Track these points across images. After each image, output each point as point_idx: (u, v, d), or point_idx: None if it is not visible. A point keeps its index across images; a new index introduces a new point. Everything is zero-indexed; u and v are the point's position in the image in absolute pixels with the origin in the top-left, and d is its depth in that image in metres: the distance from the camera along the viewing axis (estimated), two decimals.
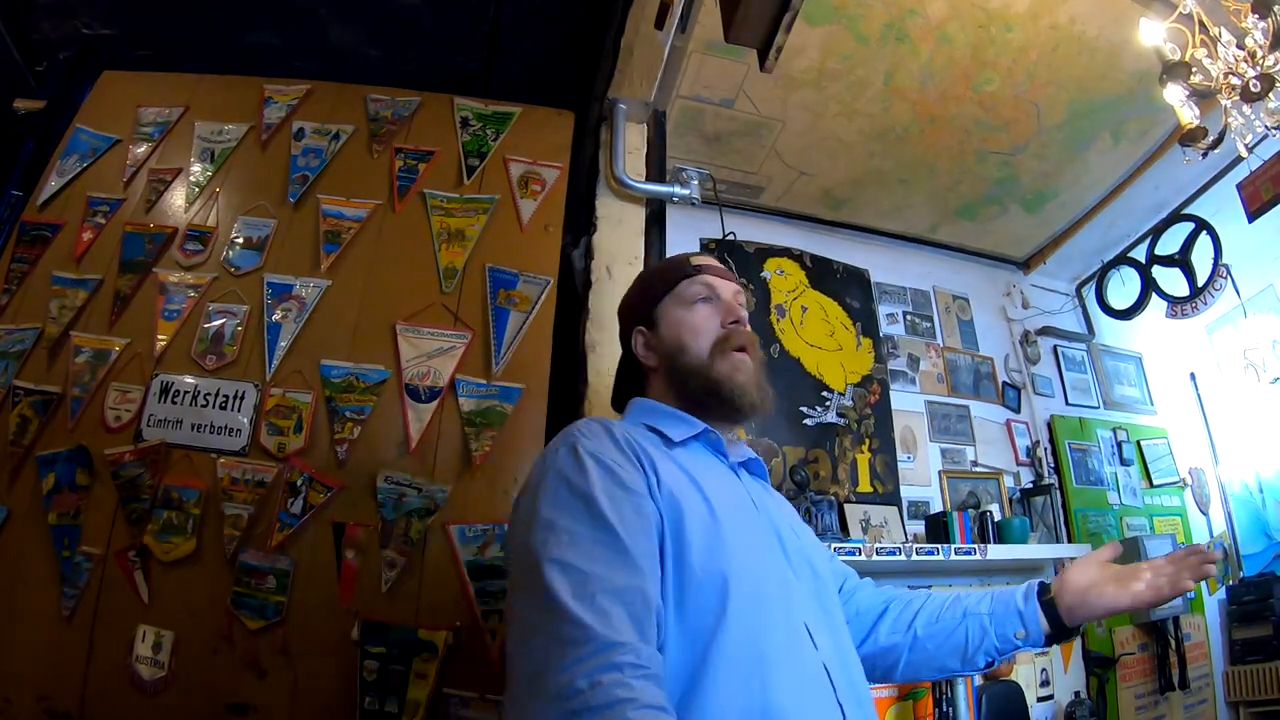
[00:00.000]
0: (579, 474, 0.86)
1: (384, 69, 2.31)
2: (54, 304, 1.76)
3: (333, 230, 1.86)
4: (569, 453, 0.89)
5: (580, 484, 0.85)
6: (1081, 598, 1.02)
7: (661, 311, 1.13)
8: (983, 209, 3.01)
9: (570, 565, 0.76)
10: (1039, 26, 2.18)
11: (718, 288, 1.13)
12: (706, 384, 1.05)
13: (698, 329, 1.08)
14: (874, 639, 1.10)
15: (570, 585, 0.74)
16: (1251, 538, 3.12)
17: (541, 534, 0.81)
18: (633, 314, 1.19)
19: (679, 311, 1.11)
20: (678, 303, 1.12)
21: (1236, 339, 3.21)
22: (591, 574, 0.76)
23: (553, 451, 0.92)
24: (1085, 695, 2.59)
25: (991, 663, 1.04)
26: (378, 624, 1.49)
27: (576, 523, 0.81)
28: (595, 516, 0.81)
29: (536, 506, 0.85)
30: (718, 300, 1.12)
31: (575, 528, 0.80)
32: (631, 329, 1.17)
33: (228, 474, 1.61)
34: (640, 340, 1.15)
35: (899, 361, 2.91)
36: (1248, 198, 2.61)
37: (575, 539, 0.79)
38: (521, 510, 0.90)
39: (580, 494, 0.84)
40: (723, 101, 2.38)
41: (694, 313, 1.10)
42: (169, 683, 1.45)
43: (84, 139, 1.99)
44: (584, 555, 0.78)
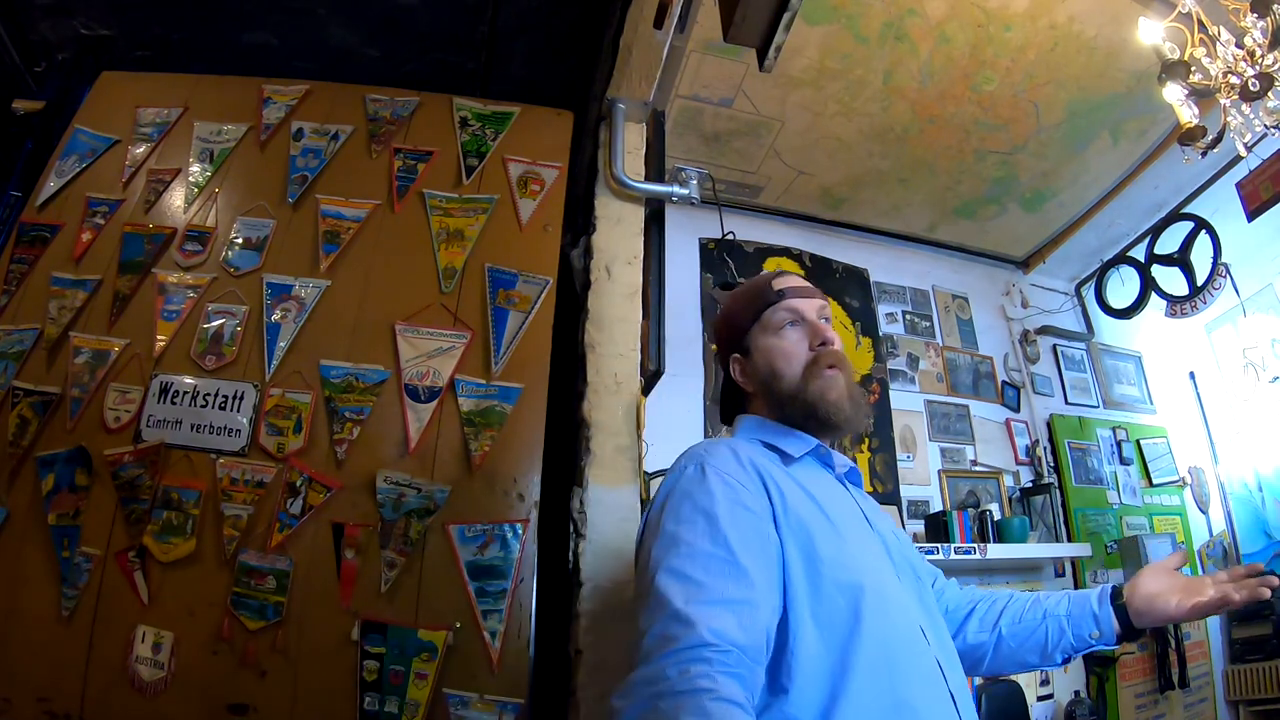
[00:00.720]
0: (703, 491, 0.92)
1: (383, 69, 2.31)
2: (53, 304, 1.76)
3: (332, 230, 1.86)
4: (697, 471, 0.95)
5: (703, 501, 0.90)
6: (1149, 603, 1.10)
7: (752, 340, 1.18)
8: (982, 208, 3.01)
9: (683, 574, 0.82)
10: (1038, 26, 2.18)
11: (802, 310, 1.16)
12: (803, 406, 1.10)
13: (789, 355, 1.13)
14: (963, 636, 1.18)
15: (682, 591, 0.80)
16: (1251, 537, 3.13)
17: (663, 546, 0.88)
18: (727, 342, 1.24)
19: (768, 339, 1.16)
20: (766, 331, 1.16)
21: (1236, 338, 3.21)
22: (704, 584, 0.81)
23: (681, 469, 0.98)
24: (1085, 694, 2.59)
25: (1068, 659, 1.14)
26: (377, 624, 1.49)
27: (696, 536, 0.86)
28: (715, 532, 0.86)
29: (661, 520, 0.92)
30: (803, 323, 1.15)
31: (695, 540, 0.86)
32: (728, 355, 1.23)
33: (227, 474, 1.61)
34: (737, 368, 1.21)
35: (898, 361, 2.91)
36: (1247, 197, 2.62)
37: (693, 551, 0.85)
38: (649, 525, 0.97)
39: (702, 510, 0.89)
40: (722, 101, 2.39)
41: (782, 339, 1.14)
42: (169, 683, 1.45)
43: (83, 139, 1.98)
44: (699, 566, 0.83)
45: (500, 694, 1.47)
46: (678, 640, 0.75)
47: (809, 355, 1.13)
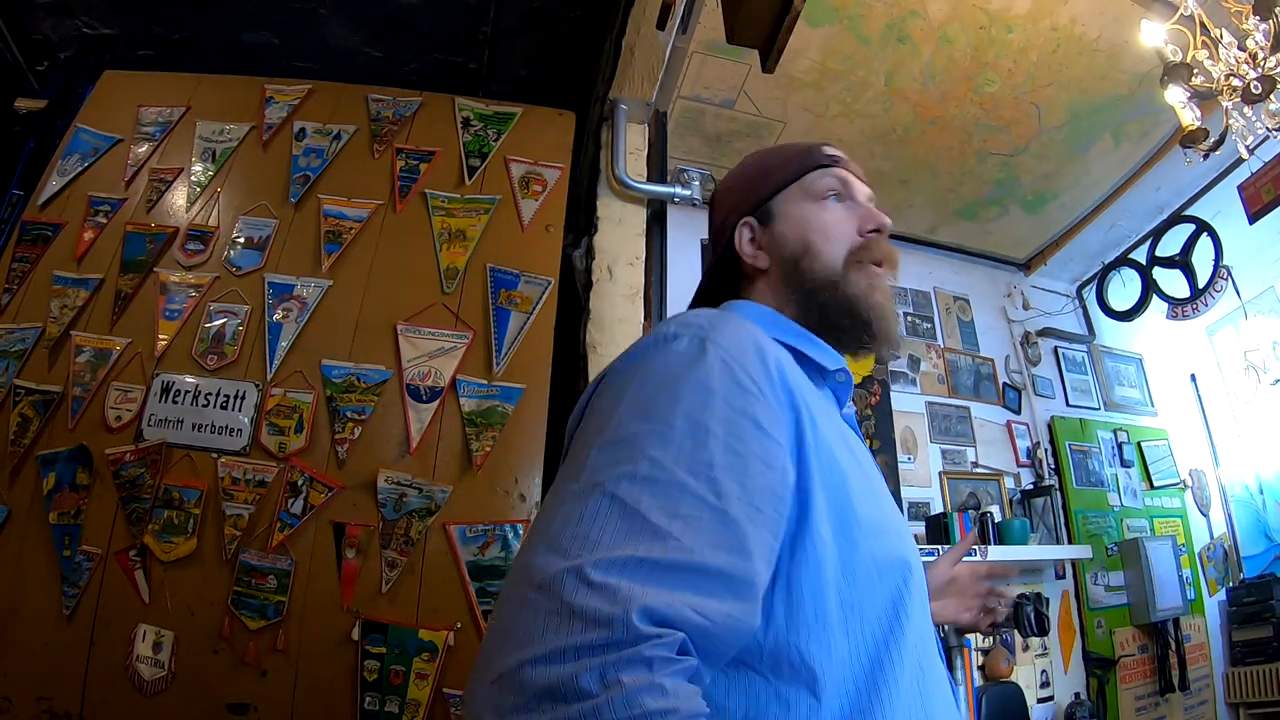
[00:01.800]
0: (696, 383, 0.58)
1: (385, 69, 2.31)
2: (55, 303, 1.76)
3: (334, 230, 1.86)
4: (693, 347, 0.61)
5: (693, 399, 0.57)
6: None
7: (781, 204, 0.88)
8: (983, 210, 3.01)
9: (633, 510, 0.51)
10: (1040, 28, 2.18)
11: (854, 186, 0.90)
12: (840, 302, 0.81)
13: (829, 232, 0.85)
14: None
15: (625, 537, 0.49)
16: (1252, 539, 3.12)
17: (610, 448, 0.56)
18: (738, 201, 0.92)
19: (806, 206, 0.87)
20: (804, 195, 0.88)
21: (1237, 340, 3.21)
22: (664, 535, 0.50)
23: (665, 339, 0.63)
24: (1085, 696, 2.58)
25: None
26: (378, 624, 1.49)
27: (669, 452, 0.54)
28: (700, 454, 0.54)
29: (617, 407, 0.59)
30: (854, 201, 0.89)
31: (664, 458, 0.54)
32: (735, 219, 0.90)
33: (228, 474, 1.61)
34: (747, 234, 0.88)
35: (899, 362, 2.90)
36: (1248, 199, 2.61)
37: (657, 476, 0.53)
38: (594, 405, 0.64)
39: (687, 414, 0.56)
40: (724, 102, 2.38)
41: (826, 210, 0.87)
42: (169, 682, 1.45)
43: (85, 139, 1.99)
44: (661, 503, 0.51)
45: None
46: (599, 628, 0.45)
47: (857, 240, 0.85)
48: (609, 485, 0.53)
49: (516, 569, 0.52)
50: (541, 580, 0.48)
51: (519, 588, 0.49)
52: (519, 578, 0.50)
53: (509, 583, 0.52)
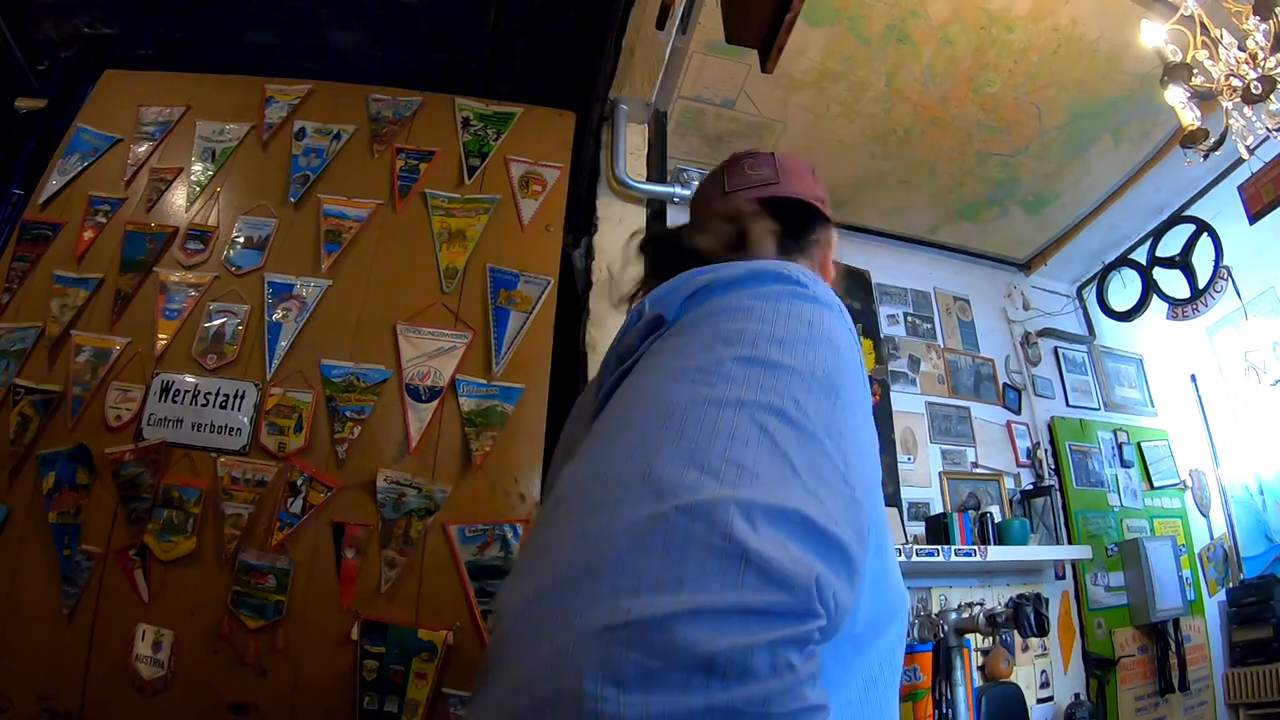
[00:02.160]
0: (833, 348, 0.51)
1: (385, 69, 2.31)
2: (55, 303, 1.76)
3: (334, 230, 1.86)
4: (830, 309, 0.54)
5: (830, 362, 0.49)
6: None
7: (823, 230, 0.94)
8: (984, 210, 3.01)
9: (787, 459, 0.40)
10: (1040, 28, 2.18)
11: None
12: None
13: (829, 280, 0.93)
14: None
15: (779, 481, 0.39)
16: (1252, 540, 3.12)
17: (759, 370, 0.45)
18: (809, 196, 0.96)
19: (830, 254, 0.95)
20: (829, 246, 0.95)
21: (1237, 341, 3.21)
22: (820, 500, 0.40)
23: (801, 284, 0.54)
24: (1085, 697, 2.59)
25: None
26: (377, 624, 1.49)
27: (811, 405, 0.45)
28: (834, 422, 0.46)
29: (749, 322, 0.50)
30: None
31: (809, 410, 0.44)
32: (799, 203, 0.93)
33: (228, 473, 1.61)
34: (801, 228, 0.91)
35: (899, 362, 2.91)
36: (1249, 200, 2.61)
37: (805, 428, 0.43)
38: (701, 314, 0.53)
39: (829, 376, 0.48)
40: (724, 102, 2.38)
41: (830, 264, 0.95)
42: (169, 682, 1.45)
43: (85, 138, 1.99)
44: (810, 464, 0.41)
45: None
46: (777, 598, 0.34)
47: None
48: (757, 413, 0.42)
49: (622, 456, 0.41)
50: (692, 503, 0.36)
51: (639, 500, 0.37)
52: (632, 481, 0.38)
53: (597, 480, 0.40)
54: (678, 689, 0.31)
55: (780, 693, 0.32)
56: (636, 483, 0.38)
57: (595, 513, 0.37)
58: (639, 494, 0.37)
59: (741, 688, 0.31)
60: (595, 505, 0.38)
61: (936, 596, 2.44)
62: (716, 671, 0.31)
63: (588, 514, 0.38)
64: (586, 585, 0.34)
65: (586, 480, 0.41)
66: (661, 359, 0.50)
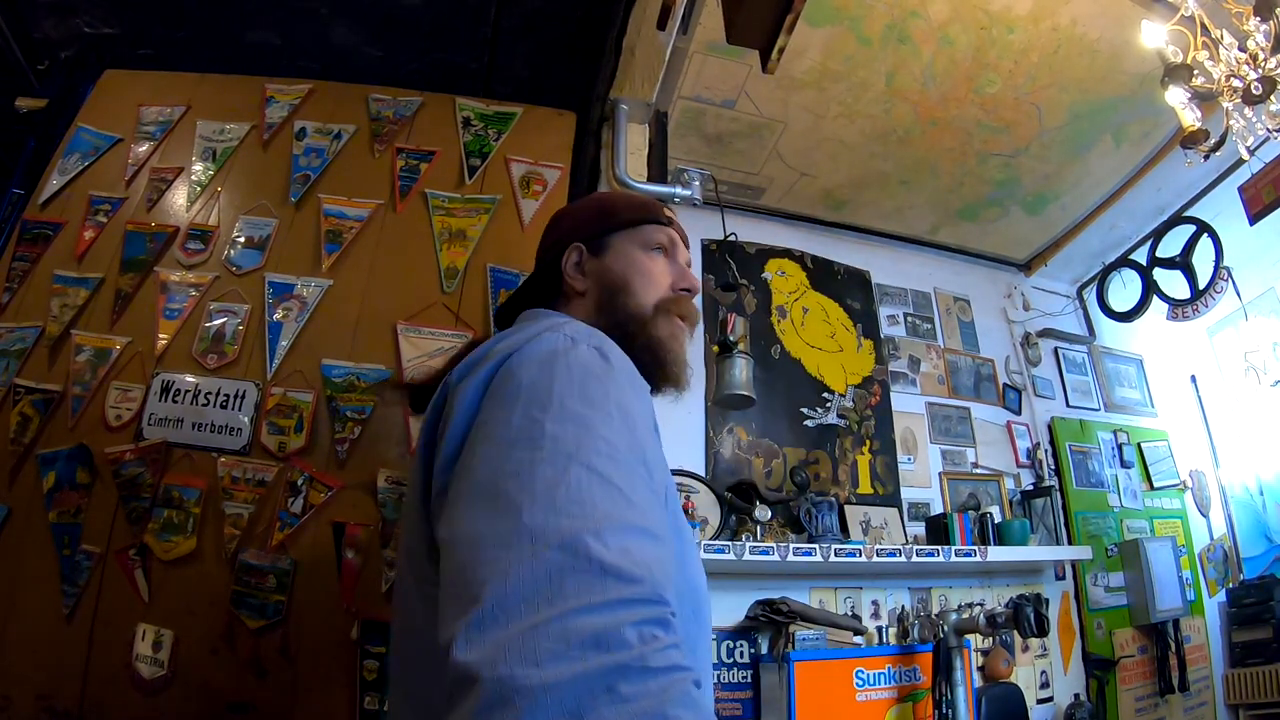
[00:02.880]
0: (611, 379, 0.66)
1: (385, 69, 2.31)
2: (55, 302, 1.76)
3: (334, 230, 1.86)
4: (592, 352, 0.69)
5: (615, 391, 0.65)
6: None
7: (614, 241, 1.00)
8: (984, 211, 3.01)
9: (612, 483, 0.56)
10: (1040, 28, 2.18)
11: (679, 248, 1.03)
12: (643, 338, 0.92)
13: (650, 277, 0.97)
14: None
15: (620, 509, 0.54)
16: (1252, 540, 3.12)
17: (572, 426, 0.59)
18: (574, 227, 1.03)
19: (634, 250, 0.99)
20: (636, 241, 1.00)
21: (1237, 341, 3.21)
22: (635, 505, 0.56)
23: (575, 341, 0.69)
24: (1085, 697, 2.58)
25: None
26: (378, 624, 1.49)
27: (615, 433, 0.60)
28: (634, 439, 0.62)
29: (553, 392, 0.62)
30: (675, 260, 1.02)
31: (614, 439, 0.60)
32: (568, 241, 1.01)
33: (228, 473, 1.61)
34: (575, 257, 0.99)
35: (900, 363, 2.90)
36: (1249, 200, 2.61)
37: (615, 454, 0.59)
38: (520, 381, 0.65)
39: (617, 403, 0.64)
40: (724, 102, 2.38)
41: (651, 260, 0.99)
42: (169, 681, 1.45)
43: (86, 138, 1.99)
44: (626, 479, 0.57)
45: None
46: (624, 581, 0.49)
47: (668, 293, 0.97)
48: (582, 457, 0.56)
49: (498, 519, 0.53)
50: (561, 541, 0.50)
51: (521, 544, 0.50)
52: (511, 535, 0.51)
53: (486, 539, 0.52)
54: (578, 660, 0.43)
55: (653, 654, 0.45)
56: (511, 531, 0.51)
57: (491, 557, 0.51)
58: (517, 538, 0.51)
59: (622, 652, 0.45)
60: (493, 553, 0.51)
61: (936, 597, 2.44)
62: (602, 645, 0.44)
63: (485, 558, 0.51)
64: (503, 604, 0.47)
65: (476, 541, 0.53)
66: (492, 431, 0.62)
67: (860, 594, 2.35)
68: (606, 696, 0.42)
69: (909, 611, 2.34)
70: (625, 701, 0.42)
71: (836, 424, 2.63)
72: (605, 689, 0.42)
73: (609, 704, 0.42)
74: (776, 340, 2.67)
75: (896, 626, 2.32)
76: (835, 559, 2.11)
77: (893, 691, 2.10)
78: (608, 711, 0.42)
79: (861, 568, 2.26)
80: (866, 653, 2.11)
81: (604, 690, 0.42)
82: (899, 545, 2.30)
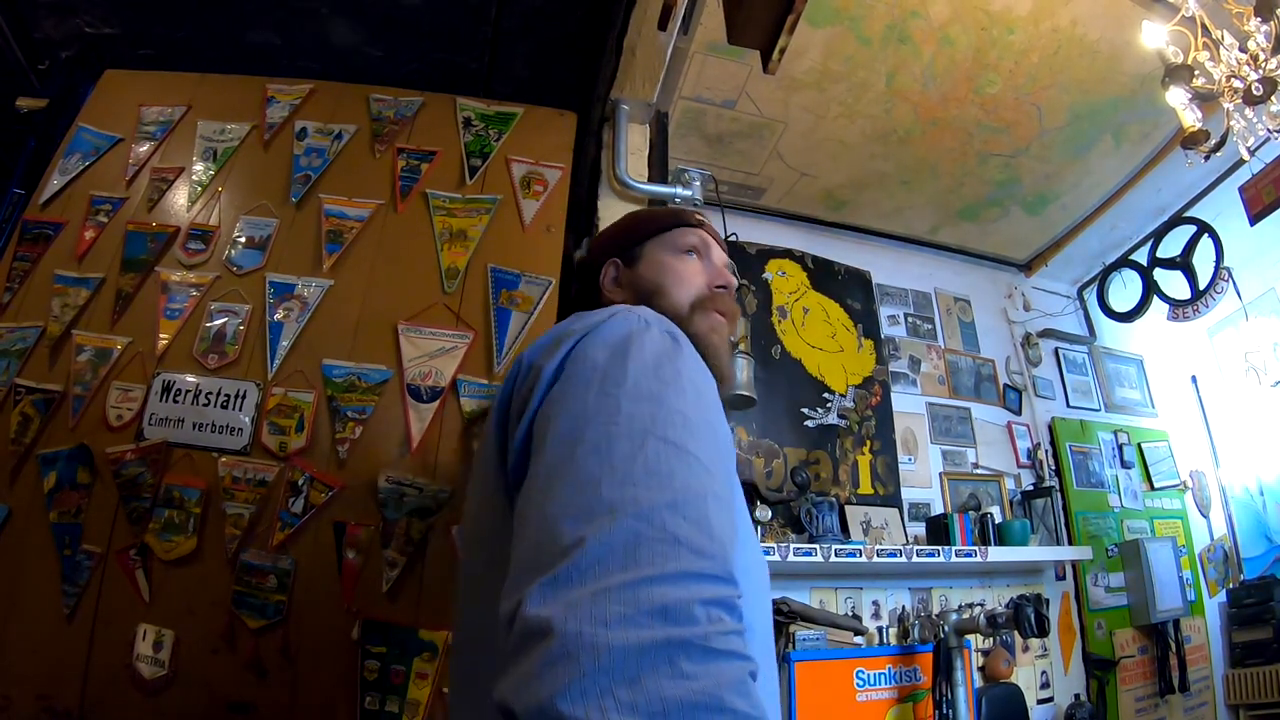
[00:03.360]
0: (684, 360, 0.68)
1: (386, 69, 2.31)
2: (56, 302, 1.76)
3: (335, 230, 1.86)
4: (664, 335, 0.70)
5: (689, 370, 0.67)
6: None
7: (645, 250, 1.03)
8: (984, 211, 3.01)
9: (689, 452, 0.57)
10: (1041, 29, 2.18)
11: (713, 248, 1.05)
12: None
13: (682, 278, 0.99)
14: None
15: (699, 482, 0.55)
16: (1252, 541, 3.12)
17: (645, 403, 0.60)
18: (610, 245, 1.08)
19: (665, 255, 1.02)
20: (666, 246, 1.03)
21: (1238, 342, 3.21)
22: (713, 474, 0.58)
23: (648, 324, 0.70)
24: (1085, 698, 2.59)
25: None
26: (378, 624, 1.49)
27: (690, 408, 0.62)
28: (709, 416, 0.64)
29: (628, 369, 0.63)
30: (709, 260, 1.03)
31: (690, 413, 0.61)
32: (604, 258, 1.05)
33: (229, 473, 1.61)
34: (610, 273, 1.03)
35: (900, 363, 2.91)
36: (1249, 201, 2.62)
37: (690, 426, 0.60)
38: (596, 358, 0.66)
39: (692, 381, 0.66)
40: (725, 103, 2.39)
41: (682, 262, 1.01)
42: (169, 681, 1.45)
43: (86, 138, 1.99)
44: (702, 449, 0.59)
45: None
46: (699, 555, 0.50)
47: (704, 290, 0.99)
48: (657, 431, 0.57)
49: (576, 491, 0.54)
50: (638, 511, 0.51)
51: (600, 514, 0.51)
52: (590, 505, 0.53)
53: (565, 508, 0.54)
54: (646, 627, 0.44)
55: (716, 634, 0.46)
56: (591, 499, 0.53)
57: (567, 520, 0.52)
58: (593, 506, 0.52)
59: (687, 627, 0.45)
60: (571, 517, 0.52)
61: (937, 597, 2.44)
62: (670, 617, 0.45)
63: (561, 519, 0.52)
64: (576, 566, 0.48)
65: (555, 511, 0.54)
66: (571, 406, 0.63)
67: (861, 594, 2.35)
68: (668, 669, 0.43)
69: (909, 612, 2.34)
70: (685, 678, 0.43)
71: (837, 424, 2.63)
72: (667, 660, 0.43)
73: (669, 676, 0.43)
74: (777, 340, 2.67)
75: (897, 627, 2.33)
76: (836, 559, 2.11)
77: (893, 692, 2.10)
78: (667, 684, 0.43)
79: (862, 568, 2.26)
80: (867, 653, 2.11)
81: (666, 662, 0.43)
82: (899, 545, 2.30)
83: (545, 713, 0.42)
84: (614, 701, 0.41)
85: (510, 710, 0.45)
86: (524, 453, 0.67)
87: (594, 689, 0.42)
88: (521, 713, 0.44)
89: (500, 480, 0.72)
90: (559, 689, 0.42)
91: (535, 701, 0.43)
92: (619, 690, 0.42)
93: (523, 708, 0.44)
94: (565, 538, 0.51)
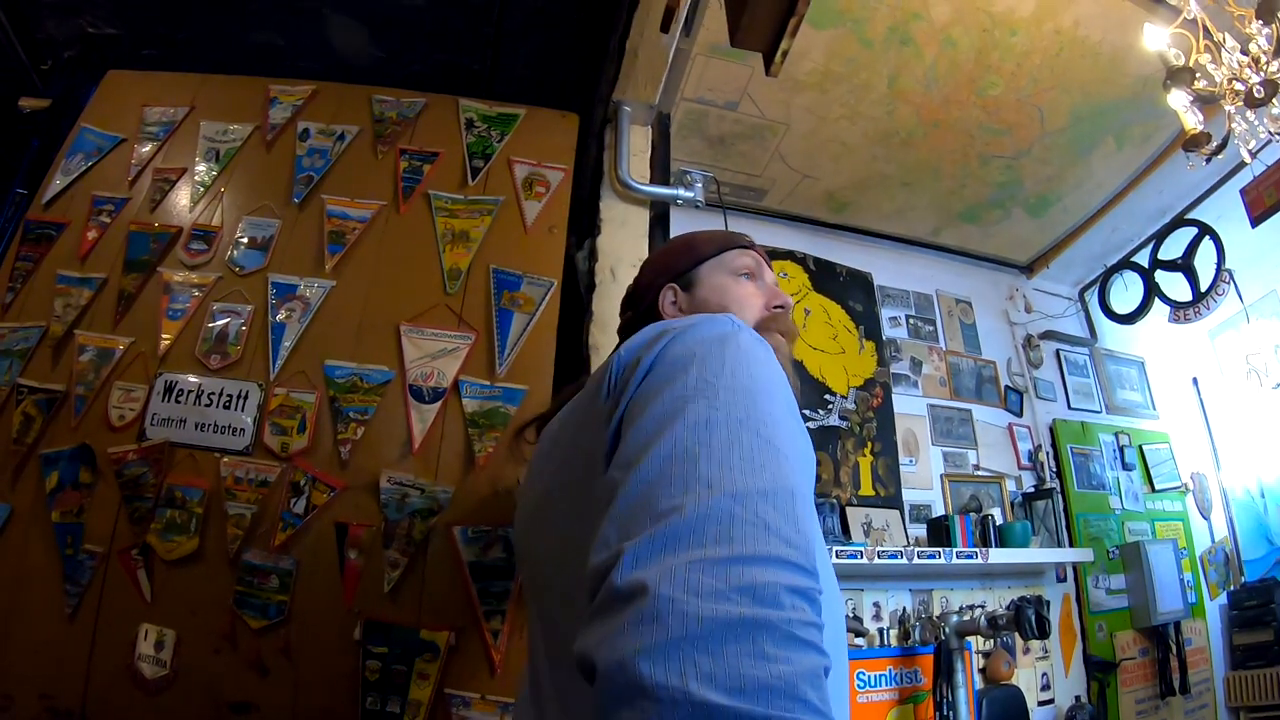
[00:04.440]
0: (771, 367, 0.68)
1: (388, 70, 2.31)
2: (58, 302, 1.76)
3: (337, 231, 1.86)
4: (752, 339, 0.70)
5: (776, 375, 0.68)
6: None
7: (702, 274, 1.06)
8: (986, 213, 3.01)
9: (780, 450, 0.58)
10: (1043, 31, 2.19)
11: (765, 269, 1.09)
12: None
13: (743, 301, 1.02)
14: None
15: (781, 472, 0.56)
16: (1253, 543, 3.12)
17: (740, 396, 0.61)
18: (666, 269, 1.10)
19: (723, 278, 1.05)
20: (722, 269, 1.06)
21: (1239, 344, 3.21)
22: (800, 474, 0.59)
23: (730, 324, 0.71)
24: (1086, 700, 2.59)
25: None
26: (380, 624, 1.49)
27: (779, 410, 0.63)
28: (791, 423, 0.65)
29: (724, 364, 0.64)
30: (762, 281, 1.07)
31: (778, 415, 0.62)
32: (661, 284, 1.08)
33: (231, 473, 1.61)
34: (669, 297, 1.06)
35: (901, 365, 2.91)
36: (1251, 203, 2.62)
37: (779, 427, 0.61)
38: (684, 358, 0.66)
39: (780, 384, 0.67)
40: (727, 104, 2.39)
41: (739, 285, 1.04)
42: (171, 681, 1.45)
43: (89, 138, 1.99)
44: (792, 450, 0.60)
45: (502, 694, 1.47)
46: (789, 545, 0.50)
47: (764, 311, 1.02)
48: (751, 424, 0.59)
49: (675, 462, 0.55)
50: (734, 492, 0.52)
51: (698, 488, 0.53)
52: (689, 479, 0.54)
53: (664, 478, 0.55)
54: (734, 603, 0.45)
55: (799, 622, 0.46)
56: (691, 481, 0.53)
57: (669, 500, 0.52)
58: (697, 488, 0.53)
59: (773, 610, 0.45)
60: (667, 489, 0.53)
61: (938, 599, 2.44)
62: (758, 598, 0.46)
63: (661, 492, 0.53)
64: (674, 533, 0.49)
65: (654, 480, 0.55)
66: (670, 391, 0.64)
67: (861, 596, 2.35)
68: (750, 647, 0.43)
69: (910, 613, 2.35)
70: (765, 659, 0.43)
71: (838, 426, 2.63)
72: (750, 639, 0.44)
73: (750, 655, 0.43)
74: None
75: (898, 628, 2.33)
76: (836, 561, 2.11)
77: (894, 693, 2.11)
78: (747, 663, 0.43)
79: (863, 569, 2.26)
80: (868, 654, 2.11)
81: (749, 640, 0.44)
82: (900, 547, 2.30)
83: (625, 669, 0.43)
84: (694, 669, 0.42)
85: (590, 662, 0.46)
86: (618, 430, 0.67)
87: (676, 654, 0.43)
88: (603, 667, 0.45)
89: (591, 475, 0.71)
90: (643, 648, 0.43)
91: (618, 658, 0.44)
92: (700, 660, 0.42)
93: (604, 662, 0.45)
94: (663, 502, 0.52)
